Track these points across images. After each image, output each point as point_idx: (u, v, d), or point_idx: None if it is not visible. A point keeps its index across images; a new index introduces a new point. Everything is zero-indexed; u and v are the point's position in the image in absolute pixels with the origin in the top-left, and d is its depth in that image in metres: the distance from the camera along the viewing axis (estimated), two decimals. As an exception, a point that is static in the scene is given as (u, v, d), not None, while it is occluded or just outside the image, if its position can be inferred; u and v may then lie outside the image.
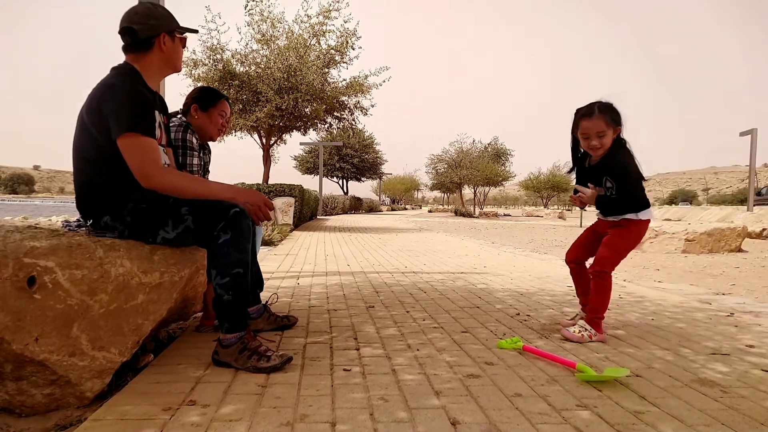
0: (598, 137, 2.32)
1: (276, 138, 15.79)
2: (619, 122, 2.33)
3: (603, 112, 2.31)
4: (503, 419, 1.50)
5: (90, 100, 1.84)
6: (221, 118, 2.60)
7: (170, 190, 1.86)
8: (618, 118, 2.33)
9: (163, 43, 1.96)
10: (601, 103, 2.35)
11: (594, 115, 2.32)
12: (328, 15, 13.32)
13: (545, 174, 48.97)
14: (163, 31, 1.95)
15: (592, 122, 2.32)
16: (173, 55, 2.02)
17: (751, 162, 18.34)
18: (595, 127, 2.32)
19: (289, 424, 1.44)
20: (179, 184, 1.88)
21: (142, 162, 1.81)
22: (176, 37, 2.01)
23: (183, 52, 2.10)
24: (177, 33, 2.01)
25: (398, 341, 2.33)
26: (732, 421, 1.52)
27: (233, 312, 1.89)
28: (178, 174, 1.94)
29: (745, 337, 2.52)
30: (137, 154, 1.80)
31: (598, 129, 2.31)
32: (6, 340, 1.36)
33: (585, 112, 2.36)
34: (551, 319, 2.84)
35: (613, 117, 2.32)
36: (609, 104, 2.34)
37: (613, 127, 2.32)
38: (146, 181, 1.83)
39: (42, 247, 1.45)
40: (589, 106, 2.36)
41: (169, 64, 2.03)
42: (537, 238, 11.44)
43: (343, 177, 47.63)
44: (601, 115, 2.31)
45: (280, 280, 4.20)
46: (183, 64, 2.15)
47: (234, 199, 1.92)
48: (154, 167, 1.83)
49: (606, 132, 2.31)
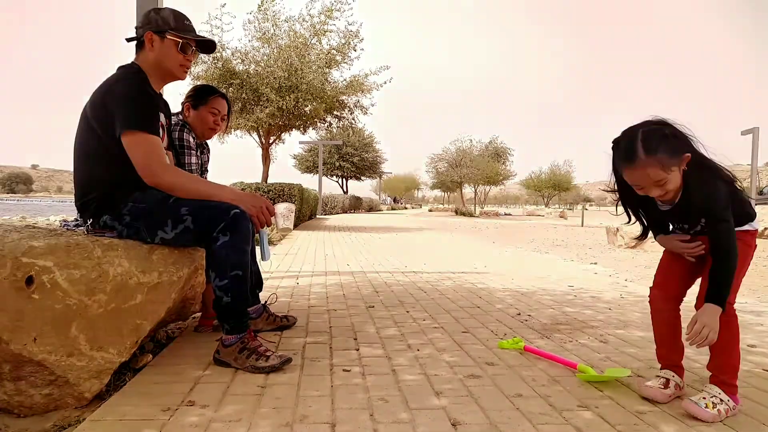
0: (657, 186, 1.52)
1: (275, 137, 15.78)
2: (682, 150, 1.51)
3: (651, 153, 1.47)
4: (504, 420, 1.49)
5: (95, 96, 1.84)
6: (213, 116, 2.53)
7: (174, 188, 1.85)
8: (677, 145, 1.51)
9: (151, 42, 1.94)
10: (645, 134, 1.50)
11: (638, 162, 1.49)
12: (330, 15, 13.30)
13: (546, 173, 48.95)
14: (149, 30, 1.93)
15: (638, 174, 1.52)
16: (163, 56, 1.95)
17: (753, 161, 18.31)
18: (646, 179, 1.51)
19: (289, 425, 1.43)
20: (184, 183, 1.87)
21: (148, 159, 1.80)
22: (166, 38, 1.94)
23: (184, 58, 2.00)
24: (168, 35, 1.94)
25: (398, 341, 2.33)
26: (733, 420, 1.51)
27: (233, 314, 1.89)
28: (183, 173, 1.94)
29: (746, 336, 2.51)
30: (143, 150, 1.79)
31: (654, 178, 1.50)
32: (4, 340, 1.35)
33: (625, 157, 1.53)
34: (552, 319, 2.84)
35: (671, 150, 1.49)
36: (657, 131, 1.50)
37: (676, 164, 1.50)
38: (151, 178, 1.82)
39: (40, 247, 1.44)
40: (628, 146, 1.52)
41: (161, 66, 1.97)
42: (538, 238, 11.43)
43: (342, 176, 47.62)
44: (649, 159, 1.48)
45: (280, 279, 4.19)
46: (185, 69, 2.09)
47: (237, 202, 1.89)
48: (159, 165, 1.82)
49: (668, 177, 1.50)
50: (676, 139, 1.51)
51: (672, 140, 1.50)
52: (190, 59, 2.03)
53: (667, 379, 1.69)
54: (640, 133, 1.50)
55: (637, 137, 1.50)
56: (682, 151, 1.51)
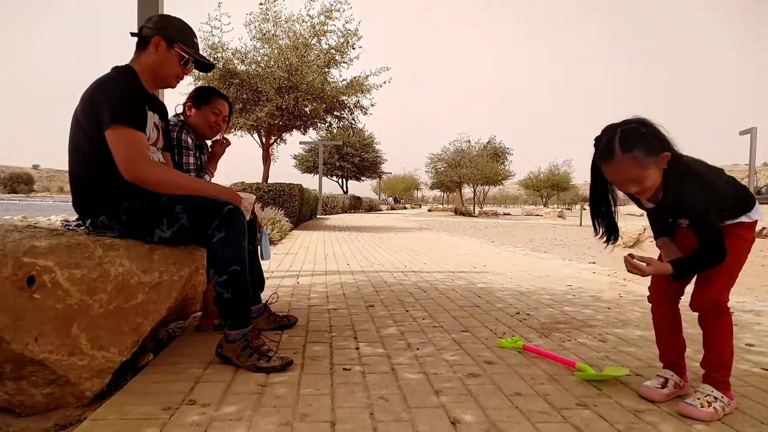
0: (635, 183, 1.54)
1: (276, 137, 15.79)
2: (660, 148, 1.51)
3: (627, 150, 1.50)
4: (503, 418, 1.50)
5: (85, 95, 1.84)
6: (214, 116, 2.57)
7: (155, 183, 1.86)
8: (655, 144, 1.51)
9: (157, 46, 1.95)
10: (623, 133, 1.51)
11: (614, 158, 1.52)
12: (330, 15, 13.31)
13: (545, 173, 48.94)
14: (160, 35, 1.95)
15: (615, 169, 1.55)
16: (164, 63, 1.97)
17: (750, 161, 18.34)
18: (622, 175, 1.55)
19: (289, 424, 1.43)
20: (164, 178, 1.88)
21: (127, 154, 1.80)
22: (174, 49, 1.97)
23: (182, 71, 2.03)
24: (176, 46, 1.97)
25: (398, 340, 2.33)
26: (732, 419, 1.52)
27: (234, 310, 1.90)
28: (163, 167, 1.95)
29: (745, 336, 2.52)
30: (124, 145, 1.79)
31: (630, 175, 1.53)
32: (5, 339, 1.36)
33: (603, 155, 1.56)
34: (551, 318, 2.84)
35: (648, 148, 1.50)
36: (634, 130, 1.51)
37: (653, 161, 1.51)
38: (131, 173, 1.81)
39: (41, 247, 1.44)
40: (606, 144, 1.54)
41: (158, 71, 1.98)
42: (537, 237, 11.44)
43: (342, 176, 47.61)
44: (625, 155, 1.50)
45: (280, 279, 4.20)
46: (179, 80, 2.11)
47: (217, 197, 1.93)
48: (139, 160, 1.81)
49: (644, 174, 1.52)
50: (654, 138, 1.51)
51: (650, 139, 1.51)
52: (186, 73, 2.08)
53: (666, 379, 1.70)
54: (618, 131, 1.52)
55: (615, 135, 1.52)
56: (660, 149, 1.51)
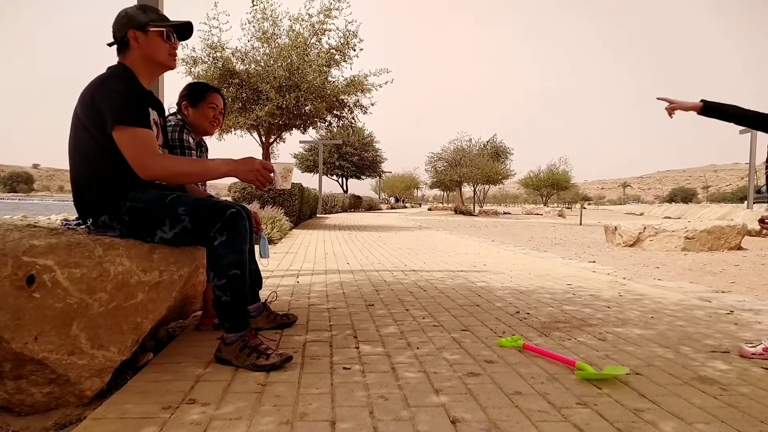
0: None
1: (276, 136, 15.79)
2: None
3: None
4: (503, 417, 1.50)
5: (84, 95, 1.84)
6: (213, 111, 2.58)
7: (169, 175, 1.86)
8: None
9: (136, 39, 1.93)
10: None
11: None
12: (329, 14, 13.29)
13: (545, 172, 48.93)
14: (131, 28, 1.92)
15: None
16: (151, 49, 1.95)
17: (751, 160, 18.34)
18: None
19: (289, 423, 1.44)
20: (177, 168, 1.87)
21: (138, 152, 1.80)
22: (149, 31, 1.93)
23: (170, 47, 1.99)
24: (150, 27, 1.93)
25: (398, 339, 2.33)
26: (732, 418, 1.52)
27: (233, 312, 1.90)
28: (174, 158, 1.96)
29: (745, 334, 2.52)
30: (133, 145, 1.80)
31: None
32: (5, 338, 1.36)
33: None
34: (551, 317, 2.84)
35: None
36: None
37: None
38: (144, 171, 1.82)
39: (41, 246, 1.44)
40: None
41: (151, 59, 1.96)
42: (536, 236, 11.44)
43: (342, 175, 47.62)
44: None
45: (280, 278, 4.20)
46: (182, 62, 2.09)
47: (233, 173, 1.89)
48: (150, 156, 1.82)
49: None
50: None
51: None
52: (175, 46, 2.04)
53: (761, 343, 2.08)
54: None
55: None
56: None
